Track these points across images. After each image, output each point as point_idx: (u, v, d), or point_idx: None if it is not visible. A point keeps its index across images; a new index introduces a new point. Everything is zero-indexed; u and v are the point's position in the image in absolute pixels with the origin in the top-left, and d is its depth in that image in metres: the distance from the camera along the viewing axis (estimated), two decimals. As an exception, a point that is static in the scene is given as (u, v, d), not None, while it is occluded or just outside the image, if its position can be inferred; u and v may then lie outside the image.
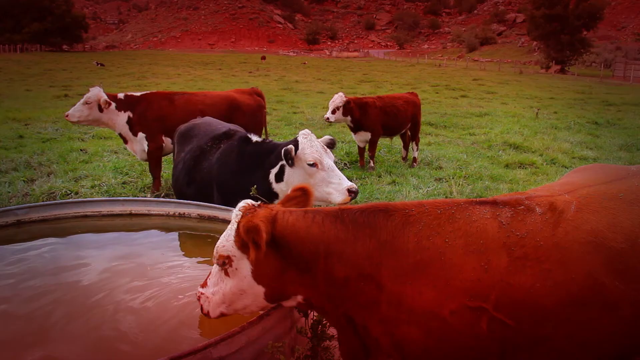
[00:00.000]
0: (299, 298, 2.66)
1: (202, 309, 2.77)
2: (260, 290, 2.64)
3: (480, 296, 2.33)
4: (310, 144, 4.58)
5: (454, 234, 2.43)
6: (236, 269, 2.63)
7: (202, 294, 2.78)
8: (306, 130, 4.75)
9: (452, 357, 2.42)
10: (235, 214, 2.66)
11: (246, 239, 2.48)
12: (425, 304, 2.36)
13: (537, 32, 61.07)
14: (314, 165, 4.53)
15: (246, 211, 2.62)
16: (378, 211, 2.56)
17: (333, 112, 9.83)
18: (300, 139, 4.64)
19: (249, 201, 2.72)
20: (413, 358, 2.46)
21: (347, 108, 9.89)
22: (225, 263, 2.64)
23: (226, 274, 2.67)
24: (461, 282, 2.35)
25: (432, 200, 2.67)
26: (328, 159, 4.58)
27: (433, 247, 2.41)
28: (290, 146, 4.58)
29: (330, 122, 9.99)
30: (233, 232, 2.61)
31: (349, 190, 4.43)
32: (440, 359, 2.43)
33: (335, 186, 4.48)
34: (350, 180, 9.31)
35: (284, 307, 2.81)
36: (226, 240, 2.63)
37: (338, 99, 9.85)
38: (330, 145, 4.85)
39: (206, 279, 2.80)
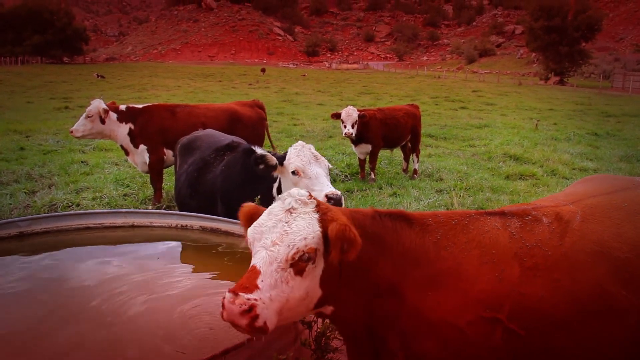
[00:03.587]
0: (330, 308, 2.49)
1: (253, 320, 2.14)
2: (318, 294, 2.38)
3: (494, 307, 2.35)
4: (297, 153, 4.56)
5: (468, 245, 2.45)
6: (315, 267, 2.33)
7: (256, 300, 2.16)
8: (300, 142, 4.75)
9: None
10: (299, 200, 2.40)
11: (335, 243, 2.25)
12: (443, 315, 2.36)
13: (535, 44, 61.34)
14: (295, 173, 4.52)
15: (319, 206, 2.39)
16: (398, 216, 2.55)
17: (352, 126, 9.84)
18: (290, 149, 4.66)
19: (303, 192, 2.46)
20: None
21: (361, 122, 9.93)
22: (309, 258, 2.29)
23: (299, 273, 2.29)
24: (477, 292, 2.36)
25: (445, 211, 2.69)
26: (317, 168, 4.51)
27: (451, 257, 2.42)
28: (261, 153, 4.66)
29: (353, 137, 9.97)
30: (314, 225, 2.32)
31: (327, 196, 4.28)
32: None
33: (316, 194, 4.42)
34: (351, 192, 9.32)
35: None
36: (309, 234, 2.29)
37: (354, 113, 9.87)
38: None
39: (250, 281, 2.22)
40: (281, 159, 4.63)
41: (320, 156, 4.65)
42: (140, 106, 8.14)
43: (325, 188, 4.38)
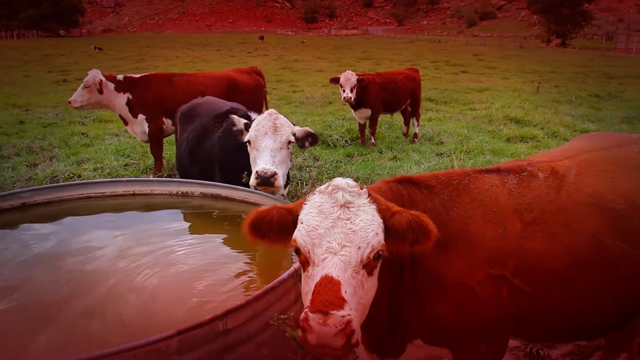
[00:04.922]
0: None
1: (349, 337, 1.85)
2: (376, 289, 2.18)
3: (500, 264, 2.37)
4: (257, 122, 4.50)
5: (472, 204, 2.47)
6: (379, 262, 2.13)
7: (349, 314, 1.88)
8: (270, 110, 4.69)
9: (474, 330, 2.44)
10: (352, 191, 2.14)
11: (406, 235, 2.11)
12: (456, 276, 2.37)
13: (537, 6, 60.29)
14: (249, 143, 4.51)
15: (371, 195, 2.18)
16: (407, 182, 2.54)
17: (351, 90, 9.81)
18: (258, 117, 4.61)
19: (349, 181, 2.21)
20: (440, 334, 2.46)
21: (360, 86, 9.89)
22: (381, 255, 2.09)
23: (371, 273, 2.09)
24: (484, 251, 2.38)
25: (442, 171, 2.69)
26: (268, 141, 4.43)
27: (458, 218, 2.43)
28: (233, 115, 4.74)
29: (352, 101, 9.94)
30: (377, 217, 2.12)
31: (257, 173, 4.27)
32: (464, 333, 2.44)
33: (255, 167, 4.38)
34: (351, 157, 9.30)
35: (288, 280, 2.81)
36: (378, 228, 2.09)
37: (353, 77, 9.82)
38: (309, 139, 4.73)
39: (333, 294, 1.91)
40: (248, 125, 4.59)
41: (284, 127, 4.51)
42: (137, 76, 8.11)
43: (260, 164, 4.30)
